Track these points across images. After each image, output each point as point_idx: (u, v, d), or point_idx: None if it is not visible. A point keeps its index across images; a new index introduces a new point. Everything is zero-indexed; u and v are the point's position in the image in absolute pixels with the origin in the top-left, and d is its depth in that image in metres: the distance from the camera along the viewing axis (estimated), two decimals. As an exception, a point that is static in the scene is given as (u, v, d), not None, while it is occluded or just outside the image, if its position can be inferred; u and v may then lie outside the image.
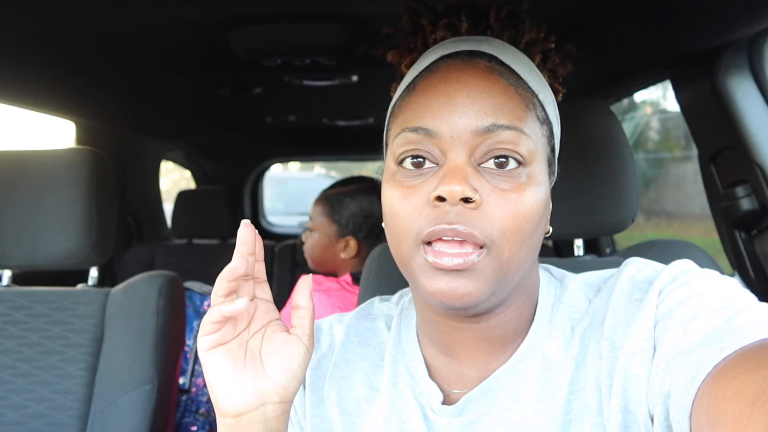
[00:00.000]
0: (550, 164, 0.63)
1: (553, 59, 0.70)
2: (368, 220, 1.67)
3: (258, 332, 0.60)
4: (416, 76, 0.63)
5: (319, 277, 1.59)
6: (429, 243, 0.57)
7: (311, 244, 1.76)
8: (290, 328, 0.61)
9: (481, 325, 0.63)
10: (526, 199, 0.56)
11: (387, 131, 0.66)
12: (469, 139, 0.57)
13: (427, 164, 0.59)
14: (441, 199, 0.55)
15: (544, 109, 0.62)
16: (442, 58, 0.62)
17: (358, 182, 1.76)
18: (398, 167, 0.60)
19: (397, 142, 0.60)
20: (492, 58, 0.61)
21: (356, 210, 1.69)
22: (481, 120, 0.56)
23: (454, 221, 0.55)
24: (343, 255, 1.68)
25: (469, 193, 0.54)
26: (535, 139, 0.59)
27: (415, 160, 0.59)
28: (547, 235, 0.65)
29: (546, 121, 0.62)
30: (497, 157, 0.57)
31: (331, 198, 1.72)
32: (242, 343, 0.59)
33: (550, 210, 0.64)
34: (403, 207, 0.58)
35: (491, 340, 0.64)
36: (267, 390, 0.58)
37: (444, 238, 0.56)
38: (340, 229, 1.69)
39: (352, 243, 1.68)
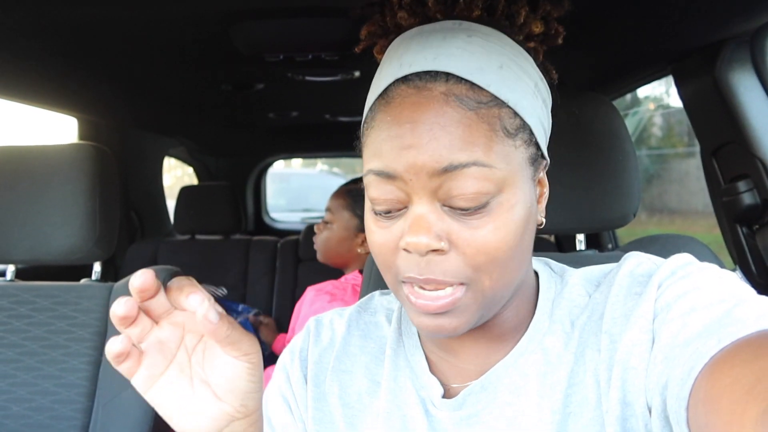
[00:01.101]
0: (534, 161, 0.60)
1: (543, 6, 0.64)
2: None
3: (198, 345, 0.55)
4: (375, 101, 0.59)
5: (330, 288, 1.59)
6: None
7: (327, 236, 1.75)
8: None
9: (477, 328, 0.64)
10: (498, 231, 0.54)
11: (362, 146, 0.62)
12: (428, 182, 0.54)
13: (396, 207, 0.57)
14: (417, 251, 0.55)
15: (517, 114, 0.57)
16: (396, 82, 0.57)
17: None
18: (372, 205, 0.59)
19: (367, 181, 0.58)
20: (449, 77, 0.55)
21: None
22: (437, 160, 0.53)
23: (424, 272, 0.55)
24: (359, 250, 1.69)
25: (434, 245, 0.53)
26: (505, 161, 0.55)
27: (380, 210, 0.58)
28: (540, 227, 0.63)
29: (520, 128, 0.57)
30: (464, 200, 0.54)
31: (354, 192, 1.73)
32: (183, 367, 0.55)
33: (541, 204, 0.63)
34: (381, 244, 0.58)
35: (489, 338, 0.65)
36: (228, 411, 0.55)
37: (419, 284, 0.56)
38: (360, 223, 1.69)
39: (362, 236, 1.68)
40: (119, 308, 0.50)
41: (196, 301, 0.50)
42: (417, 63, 0.57)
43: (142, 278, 0.50)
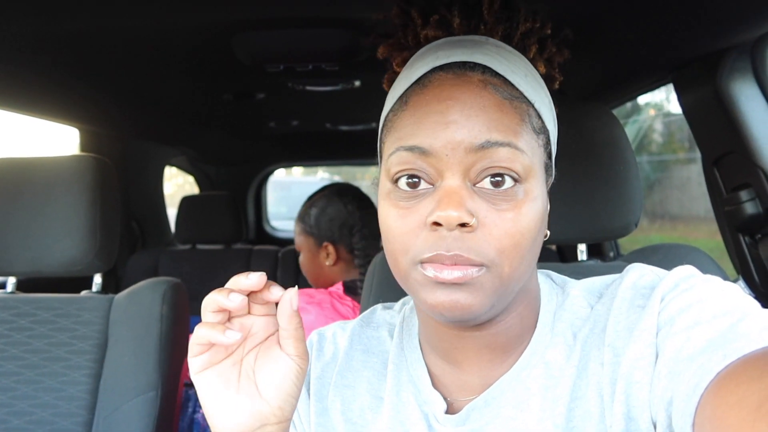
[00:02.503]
0: (547, 169, 0.62)
1: (550, 48, 0.68)
2: (334, 222, 1.70)
3: (254, 349, 0.60)
4: (408, 89, 0.61)
5: (311, 291, 1.61)
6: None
7: (302, 263, 1.82)
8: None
9: (483, 333, 0.63)
10: (523, 217, 0.56)
11: (381, 143, 0.65)
12: (464, 158, 0.55)
13: (423, 185, 0.58)
14: (438, 224, 0.55)
15: (540, 118, 0.60)
16: (434, 70, 0.60)
17: (321, 192, 1.80)
18: (393, 186, 0.59)
19: (392, 160, 0.59)
20: (486, 70, 0.59)
21: (320, 214, 1.74)
22: (475, 137, 0.55)
23: (452, 248, 0.54)
24: (327, 263, 1.72)
25: (466, 219, 0.54)
26: (531, 152, 0.57)
27: (410, 180, 0.58)
28: (545, 239, 0.64)
29: (542, 130, 0.60)
30: (493, 176, 0.56)
31: (301, 214, 1.79)
32: (236, 362, 0.59)
33: (548, 214, 0.64)
34: (400, 227, 0.58)
35: (493, 347, 0.64)
36: (265, 412, 0.58)
37: (444, 262, 0.56)
38: (315, 239, 1.75)
39: (331, 248, 1.71)
40: (243, 281, 0.56)
41: (278, 290, 0.58)
42: (455, 55, 0.60)
43: (257, 279, 0.56)
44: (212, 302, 0.56)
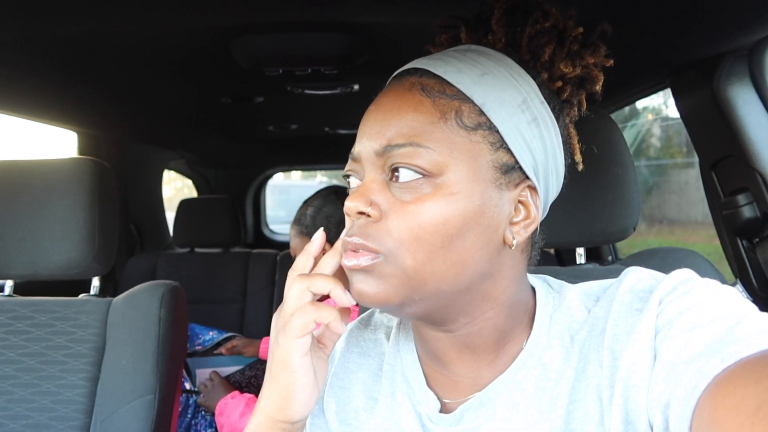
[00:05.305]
0: (505, 171, 0.60)
1: (569, 46, 0.66)
2: (331, 220, 1.64)
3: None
4: None
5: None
6: None
7: None
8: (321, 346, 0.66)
9: (454, 334, 0.64)
10: (425, 211, 0.56)
11: None
12: (375, 160, 0.60)
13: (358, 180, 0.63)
14: (348, 214, 0.60)
15: (483, 114, 0.59)
16: (389, 82, 0.65)
17: (317, 193, 1.76)
18: None
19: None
20: (424, 73, 0.61)
21: (316, 213, 1.68)
22: (379, 141, 0.59)
23: (353, 233, 0.59)
24: None
25: (361, 208, 0.58)
26: (449, 148, 0.57)
27: (348, 180, 0.64)
28: (511, 247, 0.61)
29: (483, 126, 0.59)
30: (393, 170, 0.59)
31: (297, 217, 1.74)
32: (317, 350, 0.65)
33: (517, 227, 0.61)
34: None
35: (471, 348, 0.64)
36: (315, 400, 0.63)
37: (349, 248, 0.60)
38: (308, 238, 1.69)
39: (328, 248, 1.67)
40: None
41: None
42: (405, 66, 0.64)
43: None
44: (325, 284, 0.59)
